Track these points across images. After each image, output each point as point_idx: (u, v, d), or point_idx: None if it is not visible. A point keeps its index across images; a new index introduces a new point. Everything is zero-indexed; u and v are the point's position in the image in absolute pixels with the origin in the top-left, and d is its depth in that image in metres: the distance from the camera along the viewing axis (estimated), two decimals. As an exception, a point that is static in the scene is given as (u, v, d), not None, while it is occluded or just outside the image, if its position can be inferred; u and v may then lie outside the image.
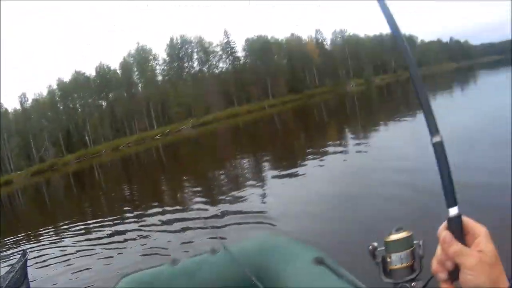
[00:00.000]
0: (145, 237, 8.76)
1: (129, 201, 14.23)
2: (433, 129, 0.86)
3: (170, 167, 23.97)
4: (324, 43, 77.22)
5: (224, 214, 9.14)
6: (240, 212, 8.93)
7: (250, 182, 12.49)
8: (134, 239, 8.71)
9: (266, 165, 15.64)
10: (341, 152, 13.95)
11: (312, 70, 63.71)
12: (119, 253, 7.70)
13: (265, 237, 3.76)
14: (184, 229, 8.60)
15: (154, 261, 5.89)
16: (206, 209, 10.06)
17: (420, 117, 0.90)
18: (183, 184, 15.31)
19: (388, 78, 77.94)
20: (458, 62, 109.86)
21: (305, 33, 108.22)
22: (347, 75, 68.71)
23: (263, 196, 10.29)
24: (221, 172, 16.37)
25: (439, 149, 0.87)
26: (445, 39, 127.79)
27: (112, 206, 13.61)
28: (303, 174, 11.63)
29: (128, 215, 11.22)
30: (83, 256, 7.68)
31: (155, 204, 12.06)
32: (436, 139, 0.86)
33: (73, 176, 33.26)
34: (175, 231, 8.75)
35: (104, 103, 60.40)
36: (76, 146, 55.49)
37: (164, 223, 9.76)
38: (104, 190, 20.24)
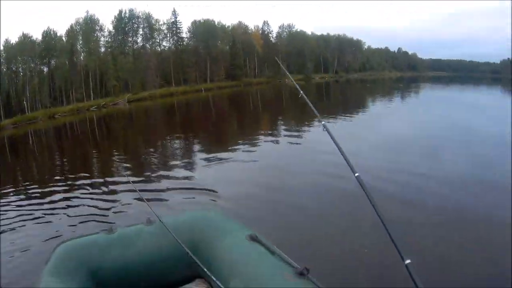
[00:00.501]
0: (79, 205, 8.54)
1: (63, 169, 13.88)
2: (353, 169, 1.46)
3: (104, 140, 23.52)
4: (270, 35, 77.67)
5: (157, 187, 9.19)
6: (174, 188, 8.97)
7: (181, 160, 12.67)
8: (68, 207, 8.46)
9: (197, 145, 15.79)
10: (270, 138, 14.45)
11: (254, 60, 64.03)
12: (53, 220, 7.48)
13: (201, 212, 3.79)
14: (119, 200, 8.56)
15: (91, 229, 5.80)
16: (140, 181, 10.02)
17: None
18: (117, 156, 15.22)
19: (328, 78, 79.80)
20: (403, 72, 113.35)
21: (252, 23, 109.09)
22: (288, 69, 69.88)
23: (191, 174, 10.35)
24: (152, 148, 16.22)
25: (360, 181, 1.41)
26: (394, 49, 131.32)
27: (46, 173, 13.29)
28: (230, 157, 11.89)
29: (63, 183, 10.87)
30: (18, 221, 7.37)
31: (88, 174, 11.83)
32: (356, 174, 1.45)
33: (8, 141, 31.23)
34: (111, 201, 8.68)
35: (45, 69, 58.31)
36: (14, 111, 52.74)
37: (99, 193, 9.60)
38: (38, 157, 19.54)
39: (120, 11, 64.53)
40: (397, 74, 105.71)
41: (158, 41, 66.25)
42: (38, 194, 9.58)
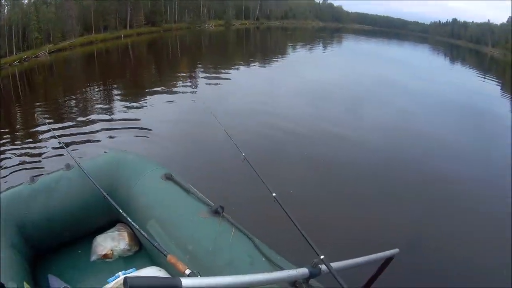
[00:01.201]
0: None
1: None
2: (270, 190, 2.12)
3: (26, 93, 22.06)
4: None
5: (78, 131, 9.49)
6: (95, 131, 9.36)
7: (101, 105, 12.98)
8: None
9: (115, 91, 16.09)
10: (184, 84, 14.72)
11: (174, 6, 62.76)
12: None
13: (116, 154, 3.72)
14: (40, 149, 8.71)
15: (14, 182, 5.84)
16: (61, 128, 10.08)
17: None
18: (38, 108, 14.85)
19: (248, 24, 79.47)
20: (326, 23, 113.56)
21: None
22: (208, 15, 68.67)
23: (109, 117, 10.73)
24: (72, 96, 16.17)
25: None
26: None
27: None
28: (149, 105, 12.24)
29: None
30: None
31: (8, 129, 11.63)
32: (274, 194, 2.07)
33: None
34: (33, 150, 8.79)
35: None
36: None
37: (19, 144, 9.60)
38: None
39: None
40: (320, 24, 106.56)
41: (80, -11, 62.66)
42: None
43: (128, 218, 2.63)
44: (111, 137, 8.97)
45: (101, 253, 3.30)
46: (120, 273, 2.60)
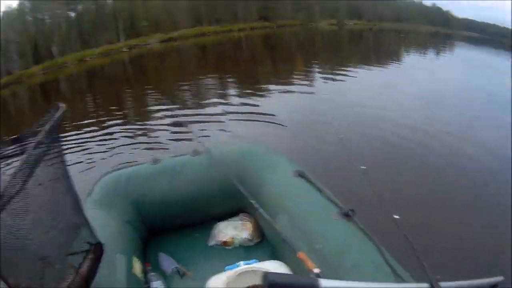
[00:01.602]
0: (120, 138, 9.08)
1: (103, 108, 14.26)
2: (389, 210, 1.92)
3: (139, 78, 23.72)
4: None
5: (203, 119, 9.61)
6: (219, 121, 9.39)
7: (222, 96, 13.02)
8: (110, 139, 9.00)
9: (234, 84, 16.17)
10: (300, 83, 14.58)
11: (286, 2, 63.20)
12: (95, 152, 7.94)
13: (248, 145, 3.75)
14: (164, 131, 9.02)
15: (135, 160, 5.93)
16: (185, 114, 10.31)
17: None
18: (154, 92, 15.36)
19: (361, 25, 78.11)
20: (435, 27, 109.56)
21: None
22: (321, 13, 68.53)
23: (229, 109, 10.63)
24: (189, 83, 16.53)
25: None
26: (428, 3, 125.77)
27: (84, 114, 13.35)
28: (270, 98, 12.11)
29: (105, 118, 11.33)
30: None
31: (128, 110, 12.51)
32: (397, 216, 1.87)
33: (40, 88, 32.40)
34: (156, 132, 9.21)
35: (72, 14, 57.77)
36: (44, 57, 52.73)
37: (142, 126, 10.14)
38: (70, 99, 19.66)
39: None
40: (431, 29, 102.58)
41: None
42: (85, 129, 10.04)
43: (260, 209, 2.68)
44: (234, 126, 9.06)
45: (222, 239, 3.38)
46: (241, 262, 2.67)
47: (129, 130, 9.80)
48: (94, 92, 20.24)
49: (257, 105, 10.85)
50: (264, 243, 3.30)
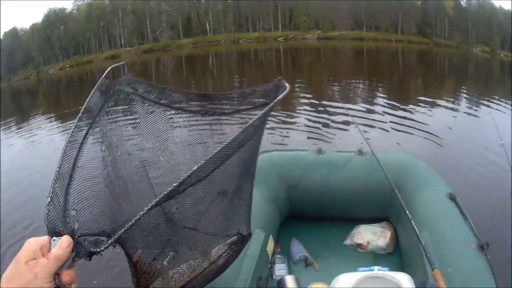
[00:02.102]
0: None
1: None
2: None
3: (292, 69, 23.44)
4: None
5: (372, 118, 9.82)
6: (377, 126, 9.35)
7: (394, 101, 12.88)
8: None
9: (392, 94, 15.39)
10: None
11: (444, 21, 61.52)
12: None
13: (407, 156, 3.73)
14: (332, 124, 9.29)
15: (297, 146, 6.30)
16: (353, 110, 10.52)
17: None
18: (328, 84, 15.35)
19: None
20: None
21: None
22: (476, 38, 66.14)
23: (403, 115, 10.56)
24: (361, 82, 16.97)
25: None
26: None
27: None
28: (427, 112, 11.40)
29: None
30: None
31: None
32: None
33: (185, 59, 33.10)
34: (324, 122, 9.44)
35: None
36: (195, 32, 54.77)
37: (310, 111, 10.46)
38: (216, 75, 20.57)
39: None
40: None
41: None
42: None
43: (412, 221, 2.70)
44: (393, 134, 8.93)
45: (357, 241, 3.38)
46: (375, 267, 2.57)
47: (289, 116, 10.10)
48: (242, 72, 20.62)
49: (416, 120, 10.47)
50: (394, 255, 3.33)
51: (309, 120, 10.09)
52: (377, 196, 3.38)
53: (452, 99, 14.98)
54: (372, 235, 3.37)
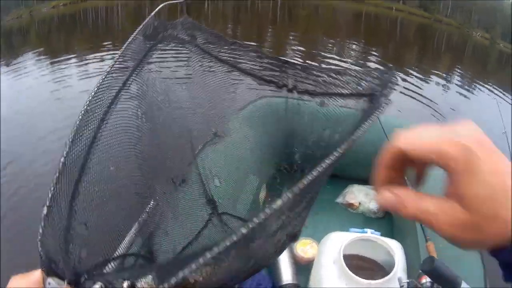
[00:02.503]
0: None
1: None
2: None
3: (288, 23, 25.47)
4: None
5: None
6: None
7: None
8: None
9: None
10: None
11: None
12: None
13: (409, 123, 3.59)
14: None
15: None
16: None
17: None
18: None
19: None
20: None
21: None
22: (477, 24, 65.94)
23: None
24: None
25: None
26: None
27: None
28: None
29: None
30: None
31: None
32: None
33: None
34: None
35: None
36: None
37: None
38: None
39: None
40: None
41: None
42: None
43: (411, 186, 2.61)
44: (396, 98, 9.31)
45: (349, 201, 3.47)
46: (368, 230, 2.60)
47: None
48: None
49: (417, 92, 10.75)
50: (384, 220, 3.41)
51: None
52: (375, 158, 2.42)
53: (450, 76, 15.34)
54: (364, 197, 3.43)
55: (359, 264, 2.52)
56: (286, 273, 2.81)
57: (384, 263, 2.60)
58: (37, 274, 0.59)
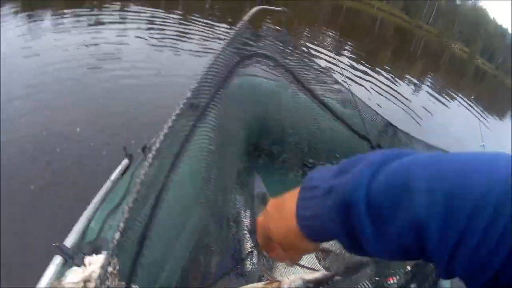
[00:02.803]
0: None
1: None
2: None
3: None
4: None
5: None
6: None
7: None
8: None
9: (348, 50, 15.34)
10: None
11: (432, 7, 61.04)
12: None
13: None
14: None
15: None
16: None
17: None
18: None
19: (488, 69, 73.27)
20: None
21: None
22: (459, 36, 66.10)
23: None
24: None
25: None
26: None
27: None
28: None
29: None
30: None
31: None
32: None
33: None
34: None
35: None
36: None
37: None
38: None
39: None
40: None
41: None
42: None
43: None
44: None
45: None
46: None
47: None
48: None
49: (397, 90, 10.70)
50: None
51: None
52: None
53: (421, 80, 15.53)
54: None
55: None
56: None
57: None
58: None
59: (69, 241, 1.64)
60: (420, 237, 0.51)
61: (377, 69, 12.84)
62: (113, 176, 2.22)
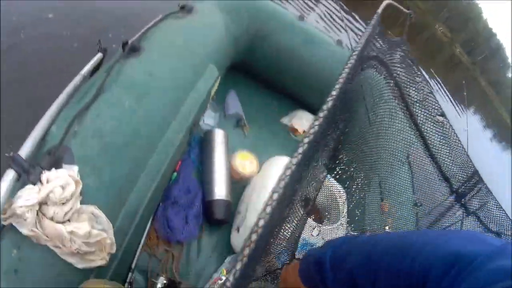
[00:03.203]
0: None
1: None
2: None
3: None
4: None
5: None
6: None
7: None
8: None
9: None
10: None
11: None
12: None
13: None
14: None
15: None
16: None
17: None
18: None
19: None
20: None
21: None
22: (444, 20, 65.79)
23: None
24: None
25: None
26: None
27: None
28: None
29: None
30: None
31: None
32: None
33: None
34: None
35: None
36: None
37: None
38: None
39: None
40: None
41: None
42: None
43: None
44: None
45: (294, 125, 3.25)
46: None
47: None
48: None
49: None
50: None
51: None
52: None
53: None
54: (307, 122, 3.28)
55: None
56: (220, 188, 2.44)
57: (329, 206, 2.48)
58: None
59: (25, 150, 1.40)
60: (355, 283, 0.87)
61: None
62: (84, 71, 2.00)
